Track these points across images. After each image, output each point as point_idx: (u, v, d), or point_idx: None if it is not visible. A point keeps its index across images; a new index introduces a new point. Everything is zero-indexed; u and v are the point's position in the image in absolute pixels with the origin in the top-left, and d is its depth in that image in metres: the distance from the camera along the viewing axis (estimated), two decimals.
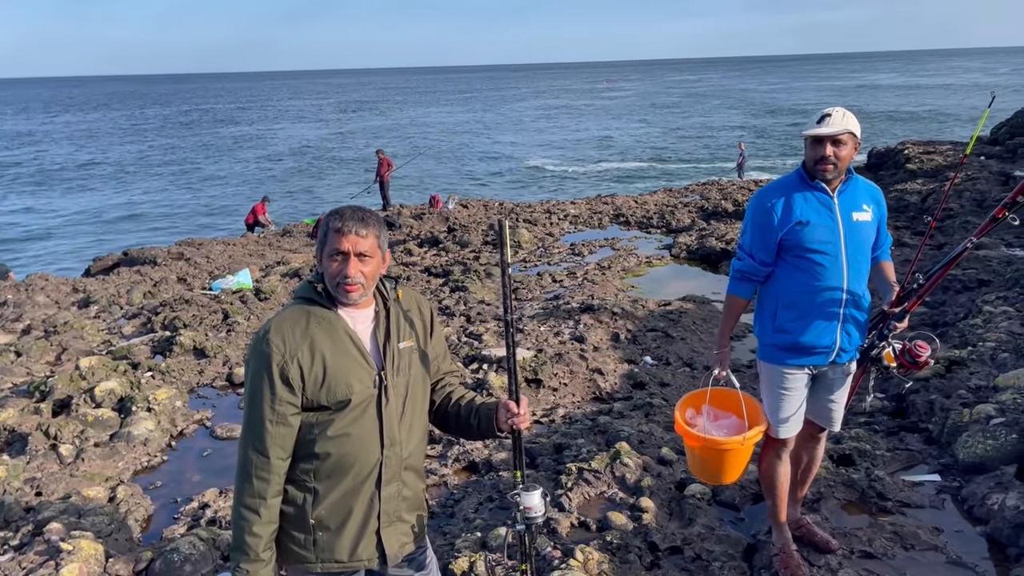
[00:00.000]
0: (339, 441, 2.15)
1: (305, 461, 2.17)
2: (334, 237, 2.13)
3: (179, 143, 55.82)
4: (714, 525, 4.03)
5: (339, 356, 2.14)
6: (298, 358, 2.09)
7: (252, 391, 2.12)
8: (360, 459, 2.18)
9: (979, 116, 5.20)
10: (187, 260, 12.47)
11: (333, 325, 2.17)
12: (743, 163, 25.10)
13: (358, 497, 2.21)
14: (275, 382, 2.08)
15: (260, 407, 2.10)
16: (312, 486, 2.18)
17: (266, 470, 2.10)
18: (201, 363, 7.47)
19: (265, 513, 2.12)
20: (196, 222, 26.95)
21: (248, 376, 2.15)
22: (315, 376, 2.11)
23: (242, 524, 2.11)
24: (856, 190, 3.22)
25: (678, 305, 8.85)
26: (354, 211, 2.18)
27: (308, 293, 2.21)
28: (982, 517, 3.99)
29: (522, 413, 2.32)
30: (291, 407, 2.11)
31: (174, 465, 5.67)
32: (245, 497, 2.11)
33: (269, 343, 2.10)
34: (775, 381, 3.31)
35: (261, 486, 2.11)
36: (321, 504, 2.18)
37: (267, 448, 2.10)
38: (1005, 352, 5.79)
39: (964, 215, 10.86)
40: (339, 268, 2.14)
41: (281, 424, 2.10)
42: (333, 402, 2.13)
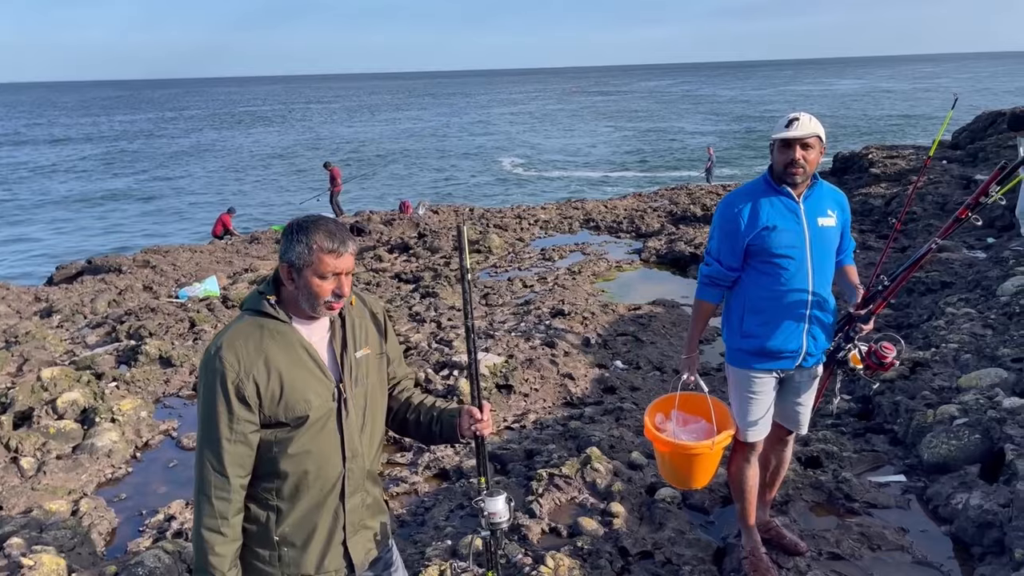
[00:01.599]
0: (300, 458, 2.11)
1: (267, 480, 2.12)
2: (328, 259, 2.07)
3: (142, 149, 55.05)
4: (684, 529, 4.05)
5: (296, 371, 2.09)
6: (253, 375, 2.03)
7: (207, 410, 2.04)
8: (323, 474, 2.15)
9: (940, 120, 5.33)
10: (153, 268, 12.29)
11: (288, 339, 2.11)
12: (712, 168, 25.36)
13: (322, 511, 2.18)
14: (231, 401, 2.01)
15: (216, 427, 2.03)
16: (275, 504, 2.14)
17: (226, 490, 2.05)
18: (167, 372, 7.35)
19: (229, 532, 2.07)
20: (162, 229, 26.56)
21: (201, 395, 2.07)
22: (272, 393, 2.05)
23: (205, 546, 2.05)
24: (821, 195, 3.26)
25: (648, 309, 8.89)
26: (337, 228, 2.11)
27: (259, 306, 2.13)
28: (947, 517, 4.05)
29: (485, 419, 2.30)
30: (249, 425, 2.05)
31: (139, 477, 5.57)
32: (206, 519, 2.05)
33: (222, 360, 2.02)
34: (743, 385, 3.34)
35: (222, 506, 2.05)
36: (285, 521, 2.15)
37: (225, 468, 2.04)
38: (967, 353, 5.89)
39: (927, 218, 11.05)
40: (330, 288, 2.09)
41: (239, 443, 2.04)
42: (291, 418, 2.07)
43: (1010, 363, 5.47)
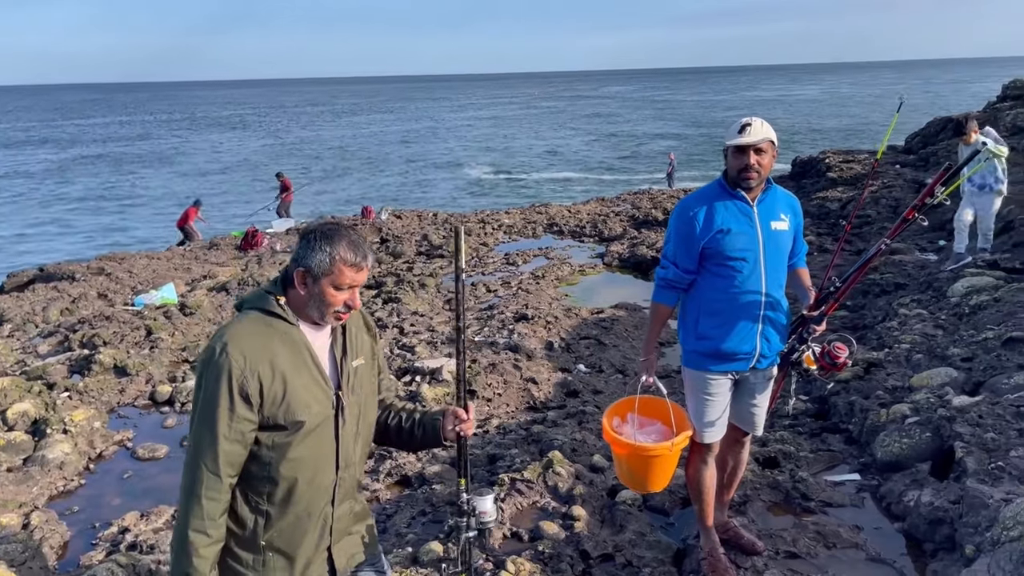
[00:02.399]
0: (295, 464, 2.08)
1: (259, 484, 2.08)
2: (348, 271, 2.07)
3: (101, 153, 54.00)
4: (644, 531, 4.07)
5: (299, 375, 2.06)
6: (259, 373, 1.99)
7: (207, 406, 1.99)
8: (316, 482, 2.13)
9: (887, 123, 5.45)
10: (108, 275, 12.04)
11: (295, 341, 2.08)
12: (673, 172, 25.61)
13: (312, 518, 2.16)
14: (234, 397, 1.97)
15: (215, 424, 1.97)
16: (265, 509, 2.10)
17: (217, 490, 2.00)
18: (122, 382, 7.21)
19: (214, 533, 2.01)
20: (113, 238, 26.07)
21: (202, 390, 2.01)
22: (274, 393, 2.01)
23: (188, 548, 1.99)
24: (775, 199, 3.31)
25: (611, 313, 8.95)
26: (360, 241, 2.11)
27: (267, 305, 2.10)
28: (899, 514, 4.13)
29: (470, 419, 2.31)
30: (248, 423, 2.00)
31: (92, 489, 5.45)
32: (193, 519, 1.99)
33: (228, 355, 1.97)
34: (699, 387, 3.37)
35: (212, 507, 1.99)
36: (274, 527, 2.11)
37: (220, 466, 1.99)
38: (919, 353, 6.02)
39: (881, 221, 11.28)
40: (343, 299, 2.09)
41: (236, 441, 2.00)
42: (290, 422, 2.04)
43: (960, 362, 5.61)
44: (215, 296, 10.40)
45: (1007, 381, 5.03)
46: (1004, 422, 4.43)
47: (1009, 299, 6.64)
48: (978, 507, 3.63)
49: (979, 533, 3.51)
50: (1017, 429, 4.33)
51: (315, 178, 35.44)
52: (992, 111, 15.03)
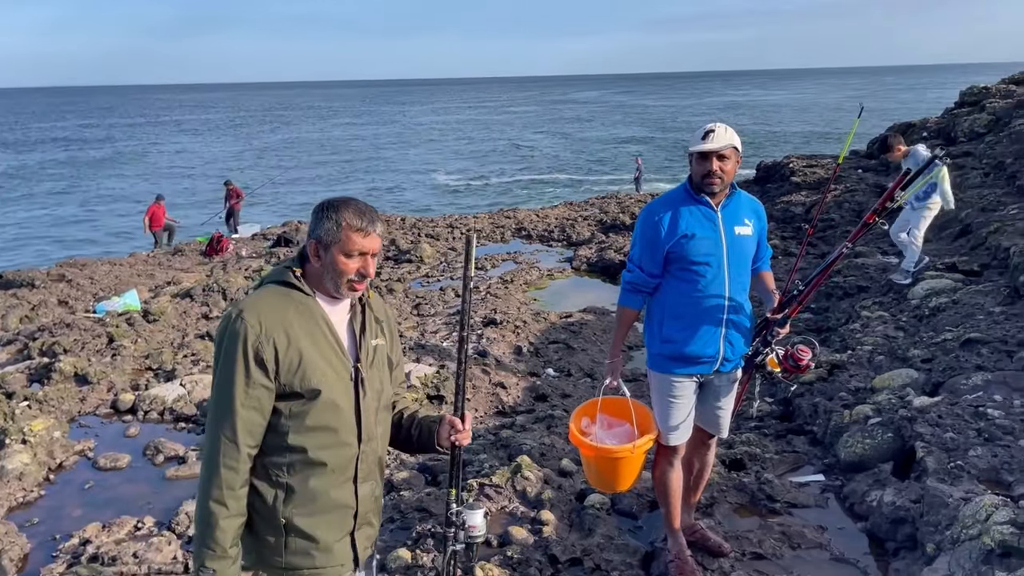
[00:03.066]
0: (315, 434, 2.05)
1: (277, 454, 2.05)
2: (356, 237, 2.06)
3: (60, 157, 53.02)
4: (613, 535, 4.08)
5: (315, 343, 2.06)
6: (274, 339, 1.98)
7: (223, 373, 1.99)
8: (337, 453, 2.09)
9: (856, 131, 5.54)
10: (69, 282, 11.81)
11: (311, 311, 2.08)
12: (640, 177, 25.80)
13: (332, 494, 2.11)
14: (249, 363, 1.96)
15: (231, 390, 1.97)
16: (284, 482, 2.06)
17: (235, 459, 1.98)
18: (83, 390, 7.07)
19: (233, 505, 1.99)
20: (75, 243, 25.60)
21: (219, 357, 2.01)
22: (290, 360, 2.00)
23: (209, 518, 1.97)
24: (739, 204, 3.34)
25: (579, 317, 8.98)
26: (366, 207, 2.11)
27: (285, 277, 2.10)
28: (862, 514, 4.19)
29: (466, 430, 2.29)
30: (265, 391, 1.99)
31: (52, 500, 5.34)
32: (212, 489, 1.97)
33: (244, 321, 1.97)
34: (664, 390, 3.39)
35: (230, 476, 1.97)
36: (293, 501, 2.07)
37: (237, 434, 1.97)
38: (881, 355, 6.12)
39: (844, 224, 11.46)
40: (355, 266, 2.07)
41: (253, 409, 1.98)
42: (307, 389, 2.02)
43: (920, 363, 5.71)
44: (179, 302, 10.25)
45: (965, 382, 5.13)
46: (963, 422, 4.52)
47: (967, 301, 6.78)
48: (938, 506, 3.70)
49: (939, 532, 3.57)
50: (975, 429, 4.42)
51: (280, 183, 35.13)
52: (950, 117, 15.34)
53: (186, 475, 5.52)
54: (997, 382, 5.03)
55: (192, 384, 7.01)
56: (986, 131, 13.47)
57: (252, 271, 12.21)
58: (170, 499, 5.18)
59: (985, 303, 6.62)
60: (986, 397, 4.85)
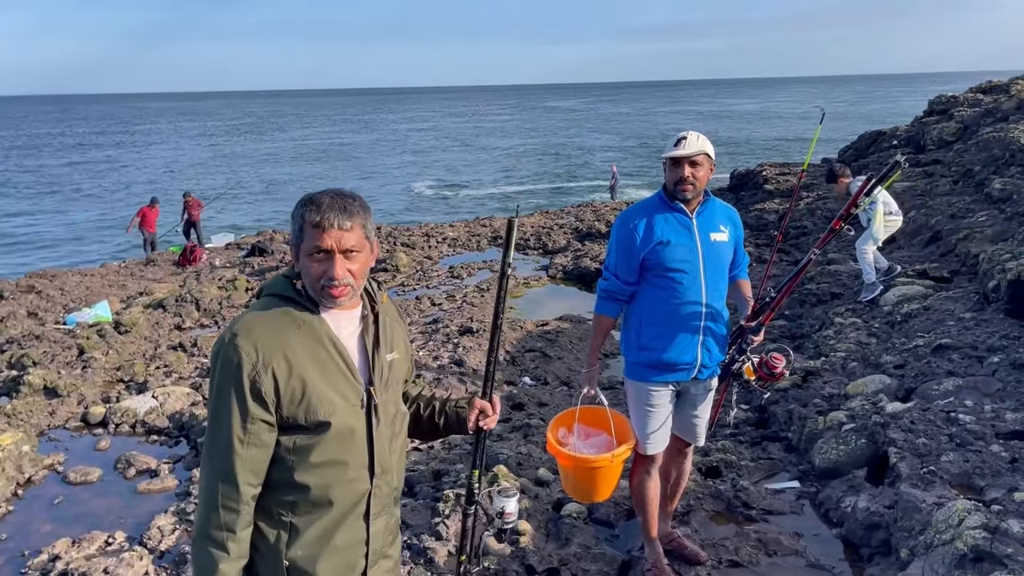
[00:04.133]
0: (322, 470, 1.86)
1: (282, 492, 1.86)
2: (313, 233, 1.81)
3: (22, 166, 52.24)
4: (590, 544, 4.07)
5: (321, 368, 1.84)
6: (272, 368, 1.78)
7: (217, 406, 1.80)
8: (347, 490, 1.90)
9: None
10: (38, 293, 11.61)
11: (314, 330, 1.85)
12: (616, 185, 25.92)
13: (341, 533, 1.92)
14: (245, 396, 1.76)
15: (227, 426, 1.77)
16: (288, 521, 1.87)
17: (235, 500, 1.79)
18: (53, 403, 6.95)
19: (234, 548, 1.81)
20: (43, 255, 25.20)
21: (213, 388, 1.82)
22: (292, 390, 1.80)
23: (207, 562, 1.80)
24: (713, 211, 3.36)
25: (555, 325, 8.98)
26: (333, 198, 1.83)
27: (284, 290, 1.88)
28: (837, 520, 4.21)
29: (495, 414, 2.21)
30: (264, 425, 1.79)
31: (21, 515, 5.23)
32: (211, 530, 1.80)
33: (238, 349, 1.77)
34: (640, 398, 3.39)
35: (229, 517, 1.79)
36: (298, 543, 1.88)
37: (235, 474, 1.78)
38: (854, 361, 6.18)
39: (816, 231, 11.58)
40: (322, 269, 1.82)
41: (252, 445, 1.79)
42: (312, 422, 1.82)
43: (892, 369, 5.77)
44: (151, 313, 10.11)
45: (937, 387, 5.19)
46: (935, 427, 4.57)
47: (938, 307, 6.87)
48: (912, 511, 3.73)
49: (913, 537, 3.60)
50: (947, 434, 4.47)
51: (256, 191, 34.84)
52: (919, 125, 15.59)
53: (158, 489, 5.44)
54: (968, 387, 5.10)
55: (164, 396, 6.91)
56: (954, 139, 13.69)
57: (226, 281, 12.09)
58: (142, 513, 5.09)
59: (955, 309, 6.71)
60: (957, 402, 4.91)
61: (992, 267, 6.68)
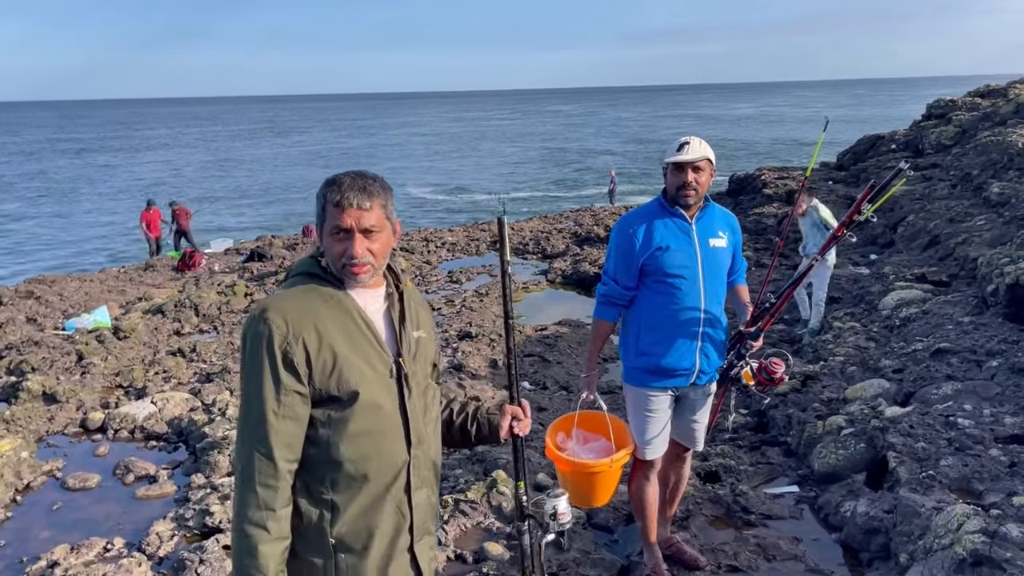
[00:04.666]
0: (359, 442, 1.85)
1: (319, 470, 1.85)
2: (333, 212, 1.84)
3: (33, 171, 52.26)
4: (589, 549, 4.07)
5: (350, 339, 1.85)
6: (303, 339, 1.78)
7: (250, 381, 1.79)
8: (385, 461, 1.89)
9: (825, 142, 5.60)
10: (37, 299, 11.62)
11: (343, 305, 1.88)
12: (614, 190, 25.93)
13: (385, 507, 1.90)
14: (278, 367, 1.76)
15: (261, 399, 1.77)
16: (329, 499, 1.86)
17: (272, 475, 1.77)
18: (51, 409, 6.94)
19: (274, 528, 1.77)
20: (44, 261, 25.20)
21: (244, 364, 1.82)
22: (323, 361, 1.80)
23: (247, 543, 1.75)
24: (713, 217, 3.36)
25: (554, 330, 8.98)
26: (354, 179, 1.88)
27: (312, 268, 1.92)
28: (837, 524, 4.21)
29: (526, 418, 2.18)
30: (298, 397, 1.79)
31: (19, 522, 5.22)
32: (249, 511, 1.76)
33: (268, 322, 1.77)
34: (639, 403, 3.39)
35: (268, 495, 1.77)
36: (342, 519, 1.86)
37: (272, 448, 1.77)
38: (853, 365, 6.18)
39: None
40: (342, 247, 1.85)
41: (287, 418, 1.78)
42: (345, 392, 1.82)
43: (891, 374, 5.77)
44: (151, 319, 10.11)
45: (936, 391, 5.19)
46: (934, 432, 4.56)
47: (936, 311, 6.87)
48: (911, 516, 3.73)
49: (912, 541, 3.60)
50: (946, 439, 4.47)
51: (254, 195, 34.85)
52: (917, 129, 15.62)
53: (156, 495, 5.43)
54: (967, 391, 5.10)
55: (163, 402, 6.91)
56: (953, 143, 13.72)
57: (225, 286, 12.09)
58: (140, 519, 5.08)
59: (954, 313, 6.72)
60: (956, 407, 4.91)
61: (991, 271, 6.69)
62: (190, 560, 4.18)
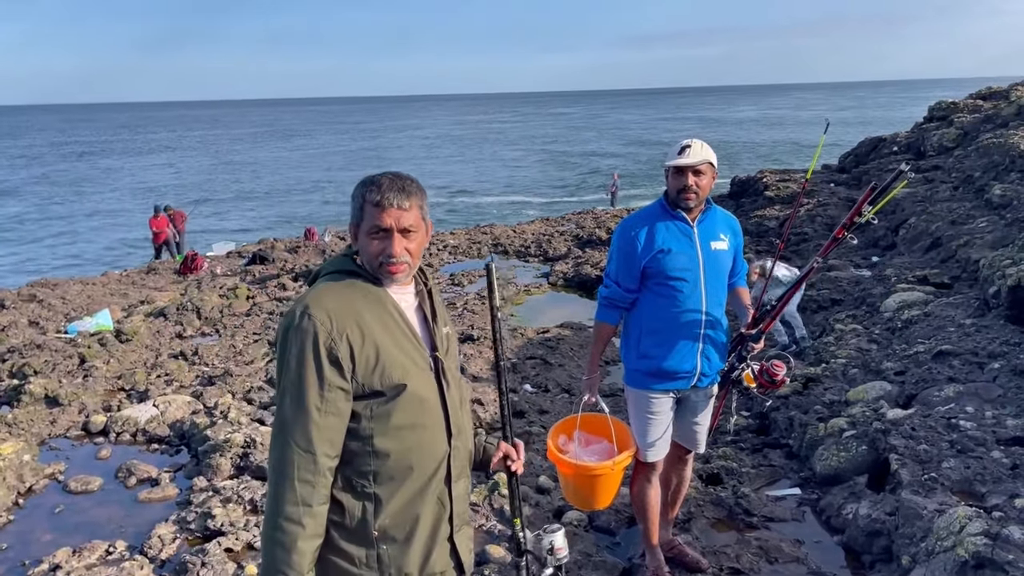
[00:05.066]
0: (401, 435, 1.87)
1: (361, 463, 1.86)
2: (373, 212, 1.87)
3: (37, 175, 52.37)
4: (591, 551, 4.07)
5: (390, 333, 1.87)
6: (347, 334, 1.80)
7: (294, 377, 1.79)
8: (427, 453, 1.91)
9: (826, 144, 5.60)
10: (40, 302, 11.63)
11: (380, 300, 1.90)
12: (616, 192, 25.95)
13: (426, 498, 1.93)
14: (322, 363, 1.77)
15: (304, 394, 1.77)
16: (372, 491, 1.86)
17: (312, 471, 1.77)
18: (54, 412, 6.94)
19: (311, 524, 1.77)
20: (46, 263, 25.26)
21: (286, 360, 1.81)
22: (367, 356, 1.82)
23: (282, 539, 1.75)
24: (714, 220, 3.37)
25: (556, 332, 8.98)
26: (392, 180, 1.90)
27: (348, 266, 1.93)
28: (839, 527, 4.21)
29: (519, 460, 2.18)
30: (341, 393, 1.80)
31: (21, 525, 5.22)
32: (286, 505, 1.76)
33: (312, 318, 1.78)
34: (641, 406, 3.39)
35: (306, 491, 1.76)
36: (384, 512, 1.87)
37: (313, 444, 1.77)
38: (855, 368, 6.17)
39: (817, 238, 11.59)
40: (381, 247, 1.87)
41: (331, 414, 1.79)
42: (389, 386, 1.84)
43: (893, 376, 5.77)
44: (153, 322, 10.12)
45: (938, 393, 5.18)
46: (936, 434, 4.56)
47: (938, 313, 6.86)
48: (913, 518, 3.72)
49: (915, 544, 3.60)
50: (948, 441, 4.46)
51: (256, 198, 34.92)
52: (919, 131, 15.61)
53: (159, 498, 5.43)
54: (969, 394, 5.09)
55: (165, 405, 6.91)
56: (954, 145, 13.71)
57: (227, 289, 12.10)
58: (142, 522, 5.09)
59: (956, 315, 6.71)
60: (958, 409, 4.90)
61: (992, 273, 6.68)
62: (192, 563, 4.18)
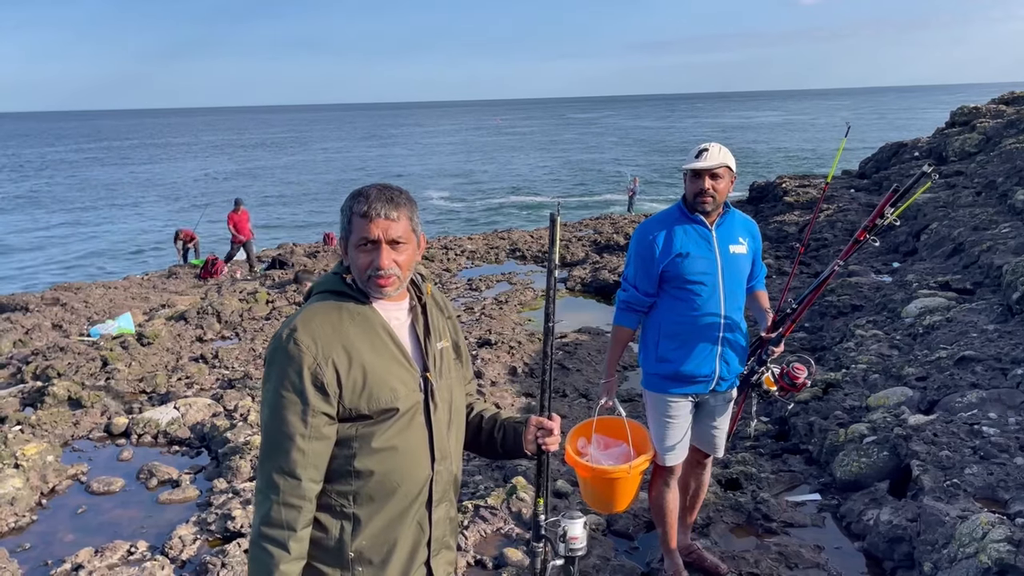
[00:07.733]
0: (383, 456, 1.84)
1: (342, 482, 1.84)
2: (360, 223, 1.84)
3: (56, 181, 53.08)
4: (609, 555, 4.06)
5: (379, 356, 1.85)
6: (333, 359, 1.79)
7: (276, 402, 1.79)
8: (408, 477, 1.88)
9: (846, 150, 5.57)
10: (63, 305, 11.78)
11: (369, 321, 1.87)
12: (634, 197, 25.88)
13: (405, 522, 1.91)
14: (306, 389, 1.76)
15: (287, 420, 1.76)
16: (351, 512, 1.85)
17: (296, 496, 1.77)
18: (76, 414, 7.03)
19: (295, 548, 1.77)
20: (70, 267, 25.57)
21: (270, 385, 1.81)
22: (353, 380, 1.80)
23: (266, 561, 1.76)
24: (733, 223, 3.36)
25: (574, 337, 8.97)
26: (380, 190, 1.88)
27: (336, 285, 1.90)
28: (859, 533, 4.17)
29: (555, 432, 2.07)
30: (325, 418, 1.79)
31: (45, 525, 5.28)
32: (270, 529, 1.76)
33: (298, 343, 1.77)
34: (659, 410, 3.39)
35: (290, 515, 1.76)
36: (362, 533, 1.86)
37: (296, 469, 1.76)
38: (875, 373, 6.12)
39: (837, 243, 11.51)
40: (369, 259, 1.84)
41: (314, 439, 1.78)
42: (376, 410, 1.82)
43: (915, 382, 5.71)
44: (173, 325, 10.22)
45: (960, 399, 5.13)
46: (958, 440, 4.51)
47: (960, 319, 6.79)
48: (935, 525, 3.69)
49: (936, 550, 3.56)
50: (971, 447, 4.42)
51: (274, 204, 35.16)
52: (941, 137, 15.46)
53: (179, 499, 5.48)
54: (992, 400, 5.04)
55: (186, 407, 6.98)
56: (977, 150, 13.57)
57: (247, 294, 12.20)
58: (163, 523, 5.14)
59: (978, 321, 6.64)
60: (981, 415, 4.85)
61: (1016, 278, 6.61)
62: (212, 564, 4.21)
